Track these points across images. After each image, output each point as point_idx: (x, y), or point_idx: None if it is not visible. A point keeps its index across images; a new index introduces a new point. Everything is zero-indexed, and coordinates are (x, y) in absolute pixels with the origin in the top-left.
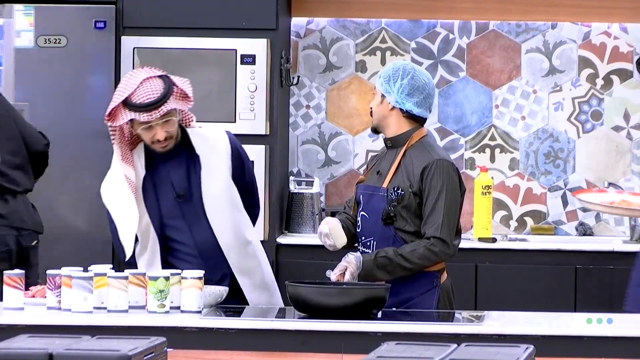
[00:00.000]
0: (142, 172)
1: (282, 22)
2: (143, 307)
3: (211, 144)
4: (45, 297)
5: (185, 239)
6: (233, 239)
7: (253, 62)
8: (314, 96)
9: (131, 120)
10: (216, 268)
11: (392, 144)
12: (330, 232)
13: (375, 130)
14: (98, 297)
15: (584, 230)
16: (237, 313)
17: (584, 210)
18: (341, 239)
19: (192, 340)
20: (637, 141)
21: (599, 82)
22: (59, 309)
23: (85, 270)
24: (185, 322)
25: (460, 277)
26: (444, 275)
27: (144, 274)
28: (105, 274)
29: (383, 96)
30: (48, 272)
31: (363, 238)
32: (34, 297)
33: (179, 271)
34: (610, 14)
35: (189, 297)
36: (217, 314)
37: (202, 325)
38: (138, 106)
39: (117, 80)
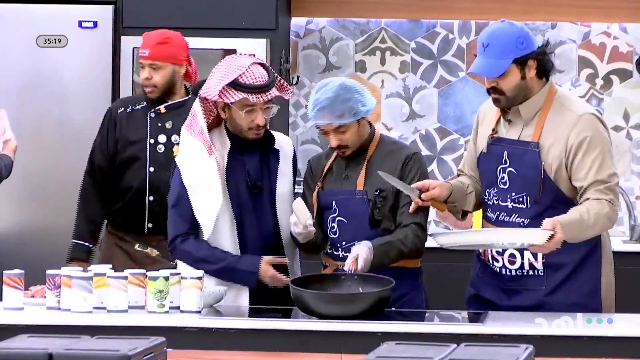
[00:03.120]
0: (226, 158)
1: (281, 22)
2: (143, 307)
3: (283, 145)
4: (45, 297)
5: (252, 230)
6: (288, 237)
7: None
8: None
9: (230, 103)
10: None
11: (357, 150)
12: (294, 208)
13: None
14: (98, 297)
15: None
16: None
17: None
18: (303, 215)
19: (191, 340)
20: (637, 141)
21: (599, 82)
22: (59, 309)
23: (85, 270)
24: (184, 322)
25: (457, 277)
26: None
27: (144, 274)
28: (105, 274)
29: (356, 121)
30: (48, 272)
31: (344, 243)
32: (33, 297)
33: (178, 271)
34: (610, 14)
35: (188, 297)
36: (217, 314)
37: (201, 325)
38: (250, 87)
39: (115, 81)
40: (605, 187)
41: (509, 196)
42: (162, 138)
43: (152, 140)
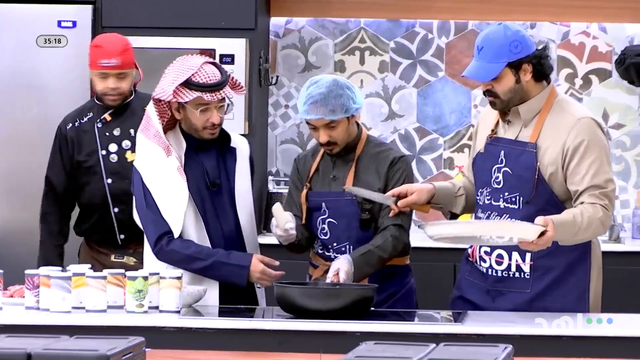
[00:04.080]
0: (183, 159)
1: (260, 22)
2: (121, 307)
3: (239, 144)
4: (24, 297)
5: (214, 228)
6: (250, 234)
7: (232, 62)
8: (293, 96)
9: (185, 103)
10: None
11: (344, 150)
12: (274, 212)
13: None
14: (76, 297)
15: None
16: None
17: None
18: (282, 219)
19: (170, 340)
20: (616, 141)
21: (578, 81)
22: (38, 308)
23: (64, 270)
24: (163, 322)
25: (441, 276)
26: None
27: (123, 274)
28: (83, 274)
29: (346, 118)
30: (26, 271)
31: (335, 244)
32: (12, 297)
33: (157, 271)
34: (589, 14)
35: (167, 297)
36: (196, 314)
37: (180, 325)
38: (203, 86)
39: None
40: (601, 192)
41: (501, 196)
42: (113, 147)
43: (103, 152)
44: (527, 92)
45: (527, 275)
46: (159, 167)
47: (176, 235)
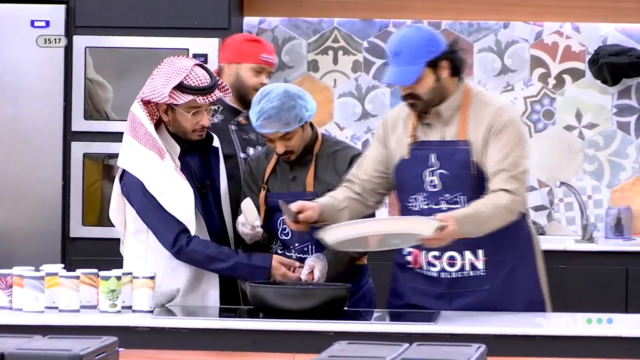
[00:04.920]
0: (178, 161)
1: (234, 22)
2: (95, 307)
3: (217, 144)
4: None
5: (203, 229)
6: (232, 233)
7: (205, 62)
8: None
9: (175, 105)
10: None
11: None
12: (243, 209)
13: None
14: (49, 297)
15: (536, 230)
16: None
17: (536, 210)
18: (251, 215)
19: (143, 339)
20: (589, 140)
21: (551, 81)
22: (11, 308)
23: (37, 269)
24: (136, 322)
25: None
26: None
27: (96, 274)
28: (56, 274)
29: (300, 127)
30: None
31: (297, 244)
32: None
33: (130, 271)
34: (562, 13)
35: (140, 297)
36: (169, 313)
37: (153, 325)
38: (196, 89)
39: (67, 79)
40: (510, 175)
41: (441, 198)
42: (250, 151)
43: (243, 155)
44: (446, 90)
45: (483, 272)
46: (156, 172)
47: (192, 233)
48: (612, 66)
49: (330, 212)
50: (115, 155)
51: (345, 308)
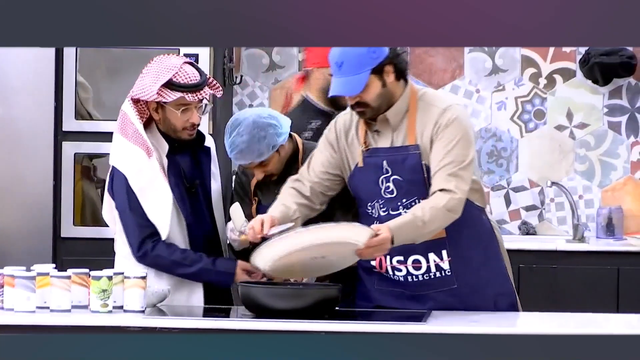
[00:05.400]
0: (165, 160)
1: None
2: (86, 307)
3: (209, 143)
4: None
5: (193, 229)
6: (224, 234)
7: (196, 61)
8: (257, 95)
9: (163, 103)
10: None
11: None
12: (232, 214)
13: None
14: (41, 297)
15: (527, 230)
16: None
17: (527, 210)
18: (239, 220)
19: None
20: (580, 140)
21: (542, 81)
22: (2, 308)
23: (28, 269)
24: (128, 322)
25: None
26: None
27: (88, 274)
28: (48, 274)
29: (276, 151)
30: None
31: None
32: None
33: (122, 270)
34: None
35: (131, 297)
36: (160, 313)
37: (145, 324)
38: (185, 86)
39: (58, 81)
40: (448, 173)
41: (399, 204)
42: None
43: None
44: (393, 94)
45: (448, 272)
46: (141, 169)
47: (164, 237)
48: (603, 66)
49: (285, 222)
50: (107, 155)
51: (337, 308)
